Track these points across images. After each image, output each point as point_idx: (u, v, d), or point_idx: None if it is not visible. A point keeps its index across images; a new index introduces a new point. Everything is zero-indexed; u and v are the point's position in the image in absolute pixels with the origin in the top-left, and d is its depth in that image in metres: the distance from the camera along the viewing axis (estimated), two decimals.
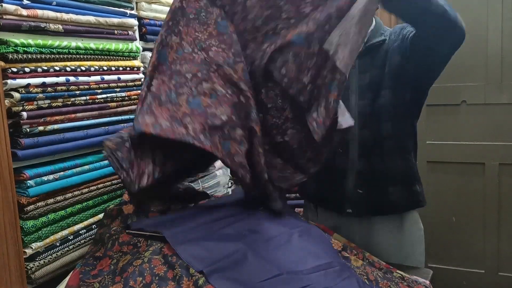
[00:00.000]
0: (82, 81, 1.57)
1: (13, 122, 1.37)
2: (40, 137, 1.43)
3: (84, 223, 1.61)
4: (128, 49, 1.79)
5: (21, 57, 1.37)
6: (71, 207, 1.56)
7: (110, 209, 1.53)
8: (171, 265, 1.22)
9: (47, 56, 1.45)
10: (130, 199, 1.51)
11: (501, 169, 2.64)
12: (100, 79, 1.65)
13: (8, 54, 1.33)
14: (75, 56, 1.56)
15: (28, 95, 1.39)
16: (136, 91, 1.83)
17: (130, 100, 1.80)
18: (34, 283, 1.44)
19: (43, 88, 1.43)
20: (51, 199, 1.48)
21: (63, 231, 1.53)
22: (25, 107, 1.38)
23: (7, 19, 1.33)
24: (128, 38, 1.81)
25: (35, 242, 1.43)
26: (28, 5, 1.39)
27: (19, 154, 1.36)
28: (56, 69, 1.48)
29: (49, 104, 1.46)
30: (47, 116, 1.46)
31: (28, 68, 1.39)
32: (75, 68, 1.55)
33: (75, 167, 1.57)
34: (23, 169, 1.40)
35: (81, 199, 1.60)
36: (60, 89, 1.49)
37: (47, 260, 1.46)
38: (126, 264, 1.32)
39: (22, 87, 1.37)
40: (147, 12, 1.93)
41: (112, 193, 1.74)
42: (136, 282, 1.23)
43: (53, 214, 1.49)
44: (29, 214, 1.40)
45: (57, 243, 1.50)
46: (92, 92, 1.62)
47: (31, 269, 1.41)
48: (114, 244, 1.44)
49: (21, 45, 1.36)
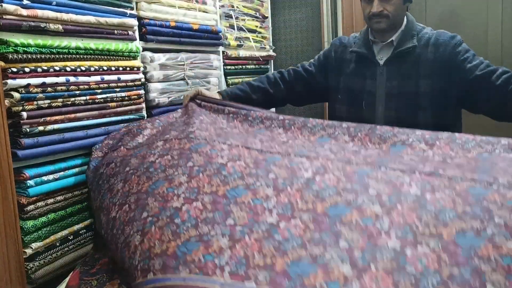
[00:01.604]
0: (82, 81, 1.57)
1: (13, 122, 1.37)
2: (40, 137, 1.43)
3: (84, 223, 1.61)
4: (128, 49, 1.79)
5: (21, 57, 1.37)
6: (71, 207, 1.56)
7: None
8: None
9: (47, 56, 1.45)
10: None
11: None
12: (100, 79, 1.65)
13: (8, 54, 1.33)
14: (75, 56, 1.56)
15: (28, 95, 1.39)
16: (136, 91, 1.83)
17: (130, 100, 1.80)
18: (34, 283, 1.44)
19: (43, 88, 1.43)
20: (51, 199, 1.48)
21: (63, 231, 1.53)
22: (25, 107, 1.38)
23: (7, 19, 1.33)
24: (128, 38, 1.81)
25: (35, 242, 1.42)
26: (28, 5, 1.39)
27: (19, 154, 1.36)
28: (56, 69, 1.48)
29: (49, 104, 1.46)
30: (47, 116, 1.46)
31: (28, 68, 1.39)
32: (75, 68, 1.55)
33: (75, 167, 1.57)
34: (23, 169, 1.40)
35: (81, 199, 1.59)
36: (60, 89, 1.49)
37: (47, 260, 1.46)
38: None
39: (22, 87, 1.37)
40: (147, 12, 1.93)
41: None
42: None
43: (53, 214, 1.49)
44: (29, 214, 1.40)
45: (57, 243, 1.50)
46: (92, 92, 1.62)
47: (31, 269, 1.41)
48: None
49: (21, 45, 1.36)
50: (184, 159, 1.25)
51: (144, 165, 1.31)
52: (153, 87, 1.96)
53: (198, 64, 2.24)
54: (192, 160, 1.24)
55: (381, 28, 1.60)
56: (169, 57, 2.04)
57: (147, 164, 1.31)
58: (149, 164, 1.30)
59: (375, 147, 1.28)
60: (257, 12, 2.88)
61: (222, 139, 1.33)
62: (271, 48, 3.03)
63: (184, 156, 1.26)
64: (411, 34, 1.60)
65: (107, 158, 1.53)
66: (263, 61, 2.94)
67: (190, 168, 1.21)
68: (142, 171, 1.29)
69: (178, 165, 1.24)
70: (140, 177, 1.27)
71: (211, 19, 2.34)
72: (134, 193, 1.22)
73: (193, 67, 2.21)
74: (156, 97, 1.98)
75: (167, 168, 1.25)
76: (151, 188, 1.19)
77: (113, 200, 1.28)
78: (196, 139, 1.33)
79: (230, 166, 1.18)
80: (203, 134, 1.36)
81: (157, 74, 1.97)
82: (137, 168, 1.32)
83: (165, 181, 1.19)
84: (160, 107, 2.02)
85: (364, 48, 1.67)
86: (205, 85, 2.29)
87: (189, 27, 2.18)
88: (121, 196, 1.26)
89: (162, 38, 2.01)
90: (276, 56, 3.12)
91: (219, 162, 1.20)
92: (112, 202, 1.28)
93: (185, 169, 1.21)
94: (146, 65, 1.94)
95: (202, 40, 2.28)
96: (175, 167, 1.23)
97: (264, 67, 2.99)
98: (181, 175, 1.19)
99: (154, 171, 1.26)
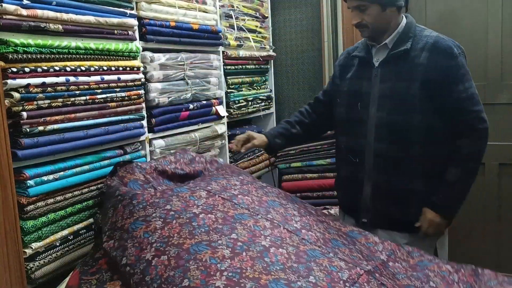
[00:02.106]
0: (82, 81, 1.57)
1: (13, 122, 1.37)
2: (40, 137, 1.43)
3: (84, 223, 1.61)
4: (128, 49, 1.78)
5: (21, 57, 1.37)
6: (71, 207, 1.56)
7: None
8: None
9: (47, 56, 1.45)
10: None
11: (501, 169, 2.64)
12: (100, 79, 1.64)
13: (8, 54, 1.33)
14: (75, 56, 1.56)
15: (28, 95, 1.39)
16: (136, 91, 1.82)
17: (130, 100, 1.80)
18: (34, 283, 1.44)
19: (43, 88, 1.43)
20: (51, 199, 1.48)
21: (63, 231, 1.53)
22: (25, 107, 1.38)
23: (7, 19, 1.33)
24: (128, 38, 1.81)
25: (35, 242, 1.42)
26: (28, 5, 1.38)
27: (19, 154, 1.36)
28: (56, 69, 1.48)
29: (49, 104, 1.46)
30: (47, 116, 1.46)
31: (28, 68, 1.39)
32: (75, 68, 1.55)
33: (75, 167, 1.57)
34: (23, 169, 1.40)
35: (81, 199, 1.60)
36: (60, 89, 1.49)
37: (47, 260, 1.46)
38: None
39: (22, 87, 1.37)
40: (147, 12, 1.92)
41: None
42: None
43: (53, 214, 1.49)
44: (29, 214, 1.40)
45: (57, 243, 1.50)
46: (92, 92, 1.62)
47: (31, 269, 1.41)
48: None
49: (21, 45, 1.36)
50: (228, 227, 1.27)
51: (187, 214, 1.31)
52: (153, 87, 1.96)
53: (198, 64, 2.24)
54: (236, 232, 1.25)
55: (366, 36, 1.67)
56: (169, 57, 2.04)
57: (190, 214, 1.31)
58: (192, 216, 1.30)
59: (335, 231, 1.40)
60: (257, 12, 2.88)
61: (263, 211, 1.38)
62: (271, 48, 3.03)
63: (228, 224, 1.28)
64: (407, 36, 1.61)
65: (144, 178, 1.56)
66: (263, 61, 2.93)
67: (234, 241, 1.21)
68: (184, 220, 1.29)
69: (222, 233, 1.24)
70: (182, 228, 1.26)
71: (211, 19, 2.34)
72: (175, 246, 1.20)
73: (193, 67, 2.20)
74: (156, 97, 1.98)
75: (211, 231, 1.25)
76: (194, 250, 1.19)
77: (150, 239, 1.25)
78: (239, 207, 1.37)
79: (273, 254, 1.19)
80: (245, 202, 1.40)
81: (157, 74, 1.97)
82: (180, 213, 1.32)
83: (208, 248, 1.19)
84: (160, 107, 2.02)
85: (364, 51, 1.70)
86: (205, 85, 2.29)
87: (189, 27, 2.18)
88: (159, 239, 1.24)
89: (162, 38, 2.01)
90: (276, 56, 3.12)
91: (261, 244, 1.22)
92: (148, 240, 1.25)
93: (229, 240, 1.21)
94: (146, 65, 1.94)
95: (202, 40, 2.28)
96: (219, 233, 1.24)
97: (264, 67, 2.99)
98: (225, 248, 1.19)
99: (198, 228, 1.26)
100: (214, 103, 2.38)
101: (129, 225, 1.31)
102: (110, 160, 1.72)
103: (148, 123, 1.96)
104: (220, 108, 2.42)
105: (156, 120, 1.99)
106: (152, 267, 1.16)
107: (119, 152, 1.76)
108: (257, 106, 2.86)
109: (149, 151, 1.96)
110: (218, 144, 2.44)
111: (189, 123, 2.22)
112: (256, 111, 2.86)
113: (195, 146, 2.23)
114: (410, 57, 1.58)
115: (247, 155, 2.77)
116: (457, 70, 1.55)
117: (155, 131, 2.00)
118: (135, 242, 1.26)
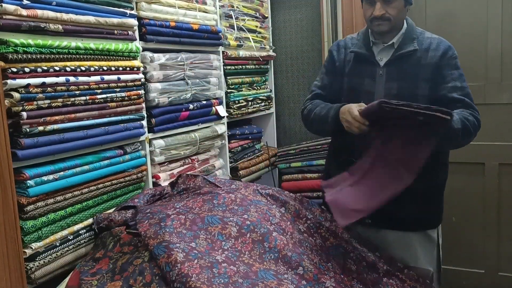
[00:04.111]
0: (82, 81, 1.57)
1: (13, 122, 1.37)
2: (40, 137, 1.43)
3: (84, 223, 1.61)
4: (128, 49, 1.78)
5: (21, 57, 1.37)
6: (71, 207, 1.56)
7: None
8: None
9: (47, 56, 1.45)
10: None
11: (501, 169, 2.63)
12: (100, 79, 1.65)
13: (8, 54, 1.33)
14: (75, 56, 1.56)
15: (28, 95, 1.39)
16: (136, 91, 1.83)
17: (130, 100, 1.80)
18: (34, 283, 1.44)
19: (43, 88, 1.43)
20: (51, 199, 1.48)
21: (63, 231, 1.53)
22: (25, 107, 1.38)
23: (7, 19, 1.33)
24: (128, 38, 1.81)
25: (35, 242, 1.43)
26: (28, 5, 1.39)
27: (19, 154, 1.36)
28: (56, 69, 1.48)
29: (49, 104, 1.46)
30: (47, 116, 1.46)
31: (28, 68, 1.39)
32: (75, 68, 1.55)
33: (75, 167, 1.57)
34: (23, 169, 1.40)
35: (81, 199, 1.60)
36: (60, 89, 1.49)
37: (47, 260, 1.46)
38: (125, 263, 1.32)
39: (22, 87, 1.37)
40: (147, 12, 1.93)
41: (112, 193, 1.74)
42: (136, 281, 1.23)
43: (53, 214, 1.49)
44: (29, 214, 1.40)
45: (57, 243, 1.50)
46: (92, 92, 1.62)
47: (31, 269, 1.41)
48: (116, 246, 1.44)
49: (21, 45, 1.36)
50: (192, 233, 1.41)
51: (160, 215, 1.46)
52: (153, 87, 1.96)
53: (198, 64, 2.24)
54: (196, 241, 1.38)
55: (382, 31, 1.61)
56: (169, 57, 2.04)
57: (162, 215, 1.45)
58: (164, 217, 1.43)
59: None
60: (257, 12, 2.88)
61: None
62: (271, 48, 3.03)
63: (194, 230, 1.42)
64: (412, 37, 1.62)
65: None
66: (263, 61, 2.93)
67: (190, 249, 1.33)
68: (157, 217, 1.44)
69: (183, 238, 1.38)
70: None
71: (211, 19, 2.34)
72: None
73: (193, 67, 2.21)
74: (156, 97, 1.98)
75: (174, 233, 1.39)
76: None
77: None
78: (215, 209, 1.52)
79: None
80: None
81: (157, 74, 1.97)
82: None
83: (165, 250, 1.30)
84: (160, 107, 2.02)
85: (364, 48, 1.68)
86: (205, 85, 2.29)
87: (189, 27, 2.18)
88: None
89: (162, 38, 2.01)
90: (276, 56, 3.12)
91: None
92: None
93: (187, 246, 1.33)
94: (146, 65, 1.94)
95: (202, 40, 2.28)
96: (180, 237, 1.37)
97: (264, 67, 2.99)
98: (180, 251, 1.30)
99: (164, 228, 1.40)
100: (214, 103, 2.39)
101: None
102: (110, 160, 1.72)
103: (148, 123, 1.96)
104: (220, 108, 2.42)
105: (156, 120, 1.99)
106: None
107: (119, 152, 1.76)
108: (257, 106, 2.86)
109: (149, 151, 1.96)
110: (218, 144, 2.45)
111: (189, 123, 2.22)
112: (256, 111, 2.86)
113: (195, 146, 2.23)
114: (416, 57, 1.59)
115: (247, 155, 2.77)
116: (457, 70, 1.59)
117: (155, 131, 2.00)
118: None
